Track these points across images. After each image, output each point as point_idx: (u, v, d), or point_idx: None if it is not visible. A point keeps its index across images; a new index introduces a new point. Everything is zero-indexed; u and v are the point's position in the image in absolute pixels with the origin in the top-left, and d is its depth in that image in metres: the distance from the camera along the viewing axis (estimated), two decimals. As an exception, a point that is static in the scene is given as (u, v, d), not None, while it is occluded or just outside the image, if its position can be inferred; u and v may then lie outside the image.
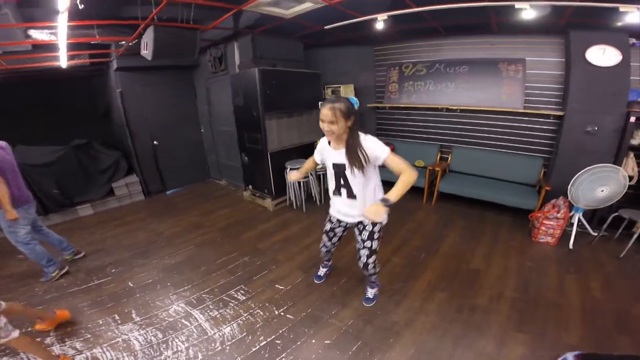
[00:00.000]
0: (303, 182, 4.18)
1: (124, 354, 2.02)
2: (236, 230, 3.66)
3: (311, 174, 4.23)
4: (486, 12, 3.21)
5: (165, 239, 3.55)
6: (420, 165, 4.43)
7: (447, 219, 3.93)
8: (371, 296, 2.47)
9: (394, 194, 1.73)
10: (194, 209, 4.37)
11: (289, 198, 4.28)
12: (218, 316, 2.34)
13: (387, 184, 1.89)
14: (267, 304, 2.46)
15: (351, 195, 1.98)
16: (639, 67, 3.38)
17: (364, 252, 2.13)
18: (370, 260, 2.14)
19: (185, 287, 2.68)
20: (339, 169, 1.94)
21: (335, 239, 2.34)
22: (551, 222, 3.24)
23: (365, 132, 1.85)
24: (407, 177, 1.77)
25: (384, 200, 1.72)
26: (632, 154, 3.37)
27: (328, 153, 1.99)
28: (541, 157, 3.93)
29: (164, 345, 2.08)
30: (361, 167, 1.82)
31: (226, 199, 4.71)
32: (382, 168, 1.91)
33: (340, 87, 5.10)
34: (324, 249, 2.44)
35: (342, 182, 1.97)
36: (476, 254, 3.12)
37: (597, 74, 3.32)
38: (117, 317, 2.35)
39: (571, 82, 3.47)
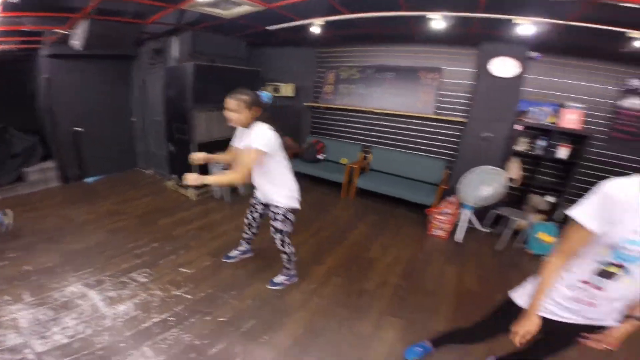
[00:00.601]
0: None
1: (9, 332, 1.98)
2: (153, 218, 3.66)
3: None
4: (405, 22, 3.43)
5: (77, 225, 3.45)
6: (344, 163, 4.72)
7: (361, 212, 4.24)
8: (277, 281, 2.63)
9: (211, 179, 2.04)
10: (113, 197, 4.26)
11: (213, 188, 4.36)
12: (115, 296, 2.36)
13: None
14: (167, 286, 2.52)
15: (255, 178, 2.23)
16: (532, 79, 3.90)
17: (271, 229, 2.39)
18: (277, 237, 2.40)
19: (86, 271, 2.65)
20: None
21: (255, 215, 2.59)
22: (443, 217, 3.63)
23: (279, 127, 2.13)
24: (231, 174, 2.02)
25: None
26: (516, 159, 3.87)
27: (240, 137, 2.21)
28: (445, 160, 4.37)
29: (53, 322, 2.07)
30: None
31: (150, 187, 4.65)
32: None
33: (281, 85, 5.32)
34: (247, 221, 2.67)
35: None
36: (376, 244, 3.43)
37: (497, 84, 3.75)
38: (7, 298, 2.28)
39: (475, 91, 3.89)
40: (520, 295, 1.37)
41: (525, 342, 1.26)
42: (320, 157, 5.10)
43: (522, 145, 3.88)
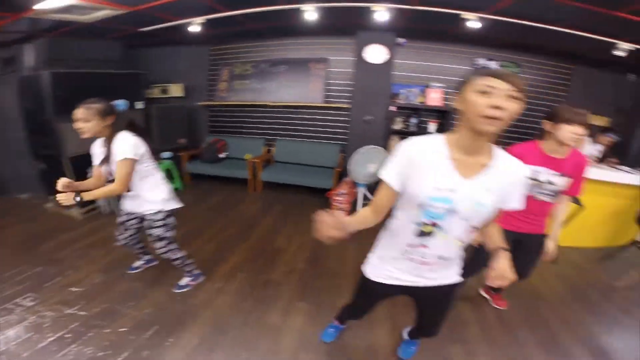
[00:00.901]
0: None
1: None
2: (34, 244, 3.23)
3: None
4: (284, 15, 3.52)
5: None
6: (248, 158, 4.75)
7: (267, 205, 4.34)
8: (182, 283, 2.59)
9: (90, 194, 1.91)
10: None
11: (101, 204, 4.01)
12: (1, 322, 2.12)
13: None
14: (58, 306, 2.31)
15: None
16: (401, 64, 4.37)
17: (151, 239, 2.30)
18: (159, 245, 2.30)
19: None
20: (102, 163, 2.04)
21: (130, 232, 2.44)
22: (340, 198, 3.93)
23: (141, 132, 2.09)
24: (110, 187, 1.98)
25: (76, 194, 1.87)
26: (395, 137, 4.35)
27: (96, 150, 2.10)
28: (339, 144, 4.71)
29: None
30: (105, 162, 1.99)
31: (27, 213, 4.06)
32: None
33: (169, 85, 5.07)
34: (123, 242, 2.50)
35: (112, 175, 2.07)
36: (282, 235, 3.55)
37: (372, 70, 4.13)
38: None
39: (354, 78, 4.23)
40: (367, 267, 1.45)
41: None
42: (222, 155, 5.03)
43: (398, 125, 4.38)
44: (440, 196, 1.04)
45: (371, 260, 1.42)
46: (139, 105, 4.46)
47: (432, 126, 4.38)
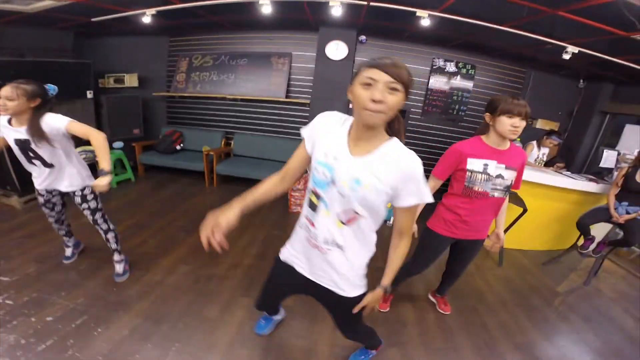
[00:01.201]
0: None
1: None
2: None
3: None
4: (241, 9, 3.49)
5: None
6: (206, 151, 4.67)
7: (223, 198, 4.19)
8: (120, 270, 2.52)
9: (105, 162, 1.98)
10: None
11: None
12: None
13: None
14: None
15: (47, 164, 2.09)
16: (362, 61, 4.43)
17: (86, 213, 2.30)
18: (97, 216, 2.33)
19: None
20: (23, 145, 1.99)
21: (58, 208, 2.40)
22: (296, 194, 3.94)
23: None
24: (98, 140, 2.00)
25: (101, 172, 1.96)
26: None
27: (8, 131, 2.00)
28: (299, 140, 4.71)
29: None
30: (43, 140, 1.95)
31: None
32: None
33: (124, 75, 4.93)
34: (54, 225, 2.48)
35: (31, 154, 2.04)
36: (233, 229, 3.48)
37: (331, 66, 4.18)
38: None
39: (315, 73, 4.25)
40: (283, 248, 1.42)
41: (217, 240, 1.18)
42: (178, 147, 4.91)
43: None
44: (325, 161, 1.07)
45: (287, 244, 1.40)
46: (89, 94, 4.32)
47: (389, 124, 4.47)
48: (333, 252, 1.16)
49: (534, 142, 3.88)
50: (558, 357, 2.16)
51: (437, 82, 4.56)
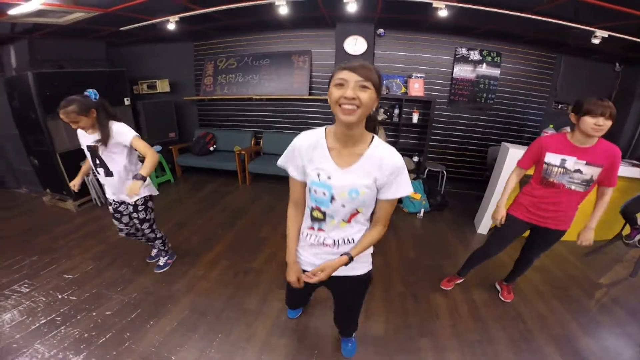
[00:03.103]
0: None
1: None
2: (30, 236, 3.40)
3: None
4: (259, 10, 3.56)
5: None
6: (237, 151, 4.87)
7: (256, 196, 4.48)
8: (161, 264, 2.79)
9: (145, 171, 2.08)
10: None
11: (94, 196, 4.17)
12: None
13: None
14: (51, 292, 2.48)
15: (108, 173, 2.26)
16: (382, 54, 4.43)
17: (136, 222, 2.47)
18: (145, 227, 2.50)
19: None
20: (91, 150, 2.18)
21: (125, 219, 2.52)
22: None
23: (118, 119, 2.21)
24: (153, 157, 2.15)
25: (136, 176, 2.05)
26: (378, 127, 4.44)
27: (82, 138, 2.21)
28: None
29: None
30: (107, 145, 2.13)
31: (24, 206, 4.24)
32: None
33: (156, 81, 5.21)
34: (120, 233, 2.62)
35: (97, 161, 2.23)
36: (267, 224, 3.68)
37: (351, 61, 4.20)
38: None
39: (335, 68, 4.30)
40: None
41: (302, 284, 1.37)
42: (211, 148, 5.16)
43: (380, 115, 4.46)
44: (320, 182, 1.15)
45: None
46: (126, 101, 4.60)
47: (415, 116, 4.47)
48: (343, 246, 1.29)
49: (568, 128, 3.73)
50: (599, 351, 2.07)
51: (462, 71, 4.48)
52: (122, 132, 2.12)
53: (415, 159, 4.58)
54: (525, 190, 2.09)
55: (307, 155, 1.17)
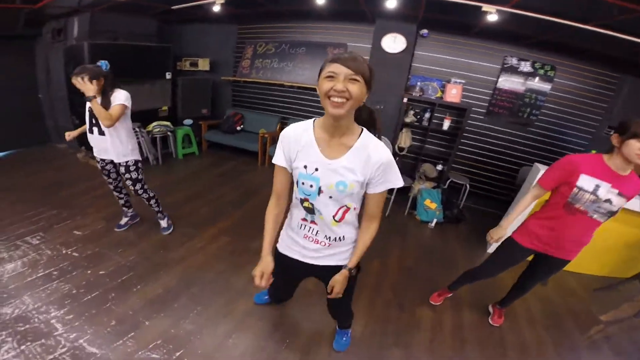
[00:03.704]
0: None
1: None
2: (57, 189, 3.67)
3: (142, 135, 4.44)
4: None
5: None
6: (262, 134, 4.94)
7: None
8: (165, 225, 2.97)
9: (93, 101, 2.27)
10: (19, 171, 4.19)
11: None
12: (5, 257, 2.47)
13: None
14: (58, 246, 2.65)
15: (100, 132, 2.44)
16: (422, 56, 4.25)
17: (128, 183, 2.63)
18: (137, 187, 2.67)
19: None
20: (91, 111, 2.37)
21: (113, 175, 2.70)
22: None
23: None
24: (103, 112, 2.28)
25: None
26: (405, 130, 4.30)
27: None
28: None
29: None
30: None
31: (60, 160, 4.61)
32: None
33: (198, 59, 5.43)
34: (114, 192, 2.81)
35: (93, 121, 2.42)
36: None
37: (387, 59, 4.07)
38: None
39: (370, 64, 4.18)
40: (279, 242, 1.49)
41: (266, 284, 1.33)
42: (238, 128, 5.27)
43: (410, 117, 4.30)
44: (307, 174, 1.14)
45: (282, 235, 1.47)
46: (167, 75, 4.83)
47: (446, 123, 4.25)
48: (335, 244, 1.31)
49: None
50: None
51: (507, 82, 4.18)
52: (117, 96, 2.32)
53: (439, 167, 4.38)
54: (537, 215, 1.87)
55: (295, 146, 1.16)
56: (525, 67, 4.09)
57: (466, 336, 2.24)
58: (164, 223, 3.00)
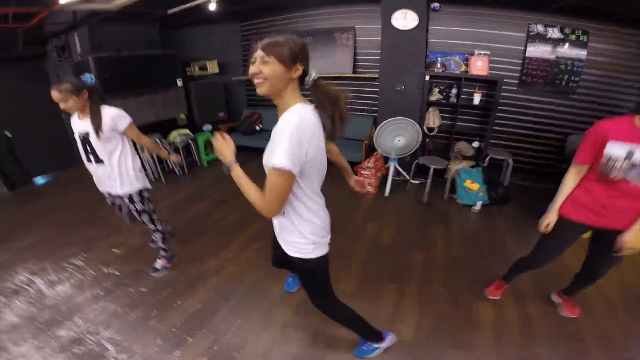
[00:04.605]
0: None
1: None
2: (92, 209, 3.66)
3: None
4: None
5: (23, 223, 3.48)
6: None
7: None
8: (158, 266, 2.57)
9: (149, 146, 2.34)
10: (57, 193, 4.32)
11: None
12: (55, 279, 2.53)
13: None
14: (99, 266, 2.67)
15: (98, 160, 2.15)
16: (438, 30, 3.97)
17: (134, 215, 2.36)
18: (144, 218, 2.35)
19: (32, 262, 2.76)
20: (83, 138, 2.12)
21: (125, 209, 2.44)
22: (366, 172, 3.78)
23: (110, 104, 2.14)
24: (148, 141, 2.31)
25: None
26: (434, 108, 4.02)
27: (75, 124, 2.15)
28: (372, 116, 4.49)
29: (5, 306, 2.25)
30: (100, 129, 2.03)
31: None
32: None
33: (206, 63, 5.32)
34: (125, 222, 2.62)
35: (88, 148, 2.14)
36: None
37: (400, 37, 3.79)
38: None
39: (381, 45, 3.93)
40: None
41: None
42: (257, 128, 5.15)
43: (435, 96, 4.02)
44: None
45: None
46: (179, 82, 4.76)
47: (476, 97, 3.95)
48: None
49: None
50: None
51: (537, 50, 3.83)
52: (119, 115, 2.09)
53: (476, 144, 4.08)
54: (583, 184, 1.66)
55: (310, 138, 1.13)
56: (554, 33, 3.77)
57: (536, 331, 2.02)
58: (159, 263, 2.58)
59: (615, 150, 1.43)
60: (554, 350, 1.87)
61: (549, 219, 1.75)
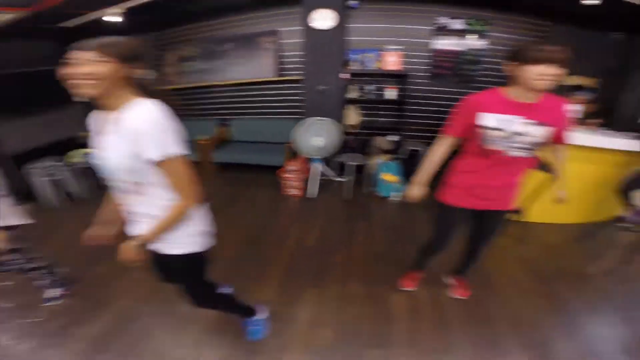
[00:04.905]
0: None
1: None
2: None
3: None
4: None
5: None
6: (201, 141, 4.48)
7: (217, 187, 4.12)
8: (49, 296, 2.21)
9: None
10: None
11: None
12: None
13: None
14: None
15: None
16: (356, 28, 4.00)
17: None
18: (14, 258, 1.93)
19: None
20: None
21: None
22: (290, 175, 3.69)
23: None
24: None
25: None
26: (352, 106, 4.05)
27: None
28: (296, 119, 4.41)
29: None
30: None
31: None
32: None
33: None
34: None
35: None
36: (221, 217, 3.31)
37: (320, 37, 3.74)
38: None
39: (304, 47, 3.87)
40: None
41: None
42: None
43: (353, 93, 4.06)
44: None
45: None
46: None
47: (391, 92, 4.06)
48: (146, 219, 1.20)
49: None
50: (577, 358, 1.77)
51: (444, 43, 4.04)
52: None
53: (391, 137, 4.19)
54: (460, 167, 1.70)
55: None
56: (457, 25, 3.99)
57: (448, 318, 2.03)
58: (49, 293, 2.20)
59: (487, 121, 1.45)
60: (465, 337, 1.89)
61: (413, 193, 1.75)
